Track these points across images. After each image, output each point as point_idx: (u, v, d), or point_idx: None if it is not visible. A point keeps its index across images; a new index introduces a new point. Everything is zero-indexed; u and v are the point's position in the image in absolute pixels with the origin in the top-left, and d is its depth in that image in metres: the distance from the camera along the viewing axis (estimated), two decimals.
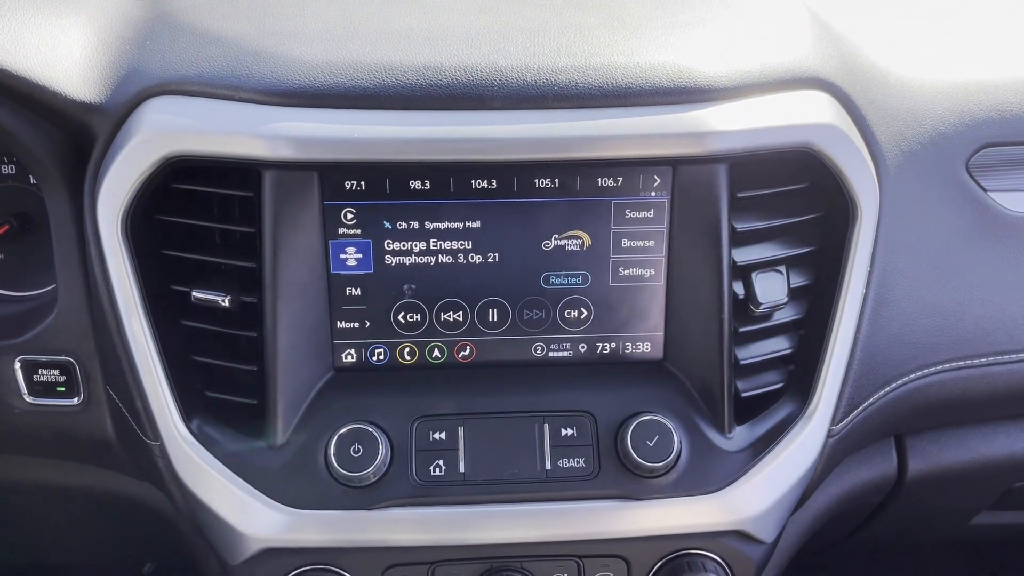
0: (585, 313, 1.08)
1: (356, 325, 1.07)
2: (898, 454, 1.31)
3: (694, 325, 1.07)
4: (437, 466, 1.02)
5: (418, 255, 1.04)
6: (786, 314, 1.09)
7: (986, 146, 1.14)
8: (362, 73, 0.97)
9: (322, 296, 1.05)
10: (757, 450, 1.06)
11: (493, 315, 1.08)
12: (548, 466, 1.03)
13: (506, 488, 1.02)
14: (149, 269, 1.02)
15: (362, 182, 1.01)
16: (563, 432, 1.04)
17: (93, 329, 1.07)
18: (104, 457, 1.16)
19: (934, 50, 1.21)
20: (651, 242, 1.05)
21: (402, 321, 1.07)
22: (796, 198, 1.07)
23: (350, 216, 1.02)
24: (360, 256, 1.04)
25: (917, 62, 1.18)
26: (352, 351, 1.08)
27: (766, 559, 1.12)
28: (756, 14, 1.13)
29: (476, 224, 1.03)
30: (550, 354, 1.10)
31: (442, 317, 1.07)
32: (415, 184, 1.01)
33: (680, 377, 1.09)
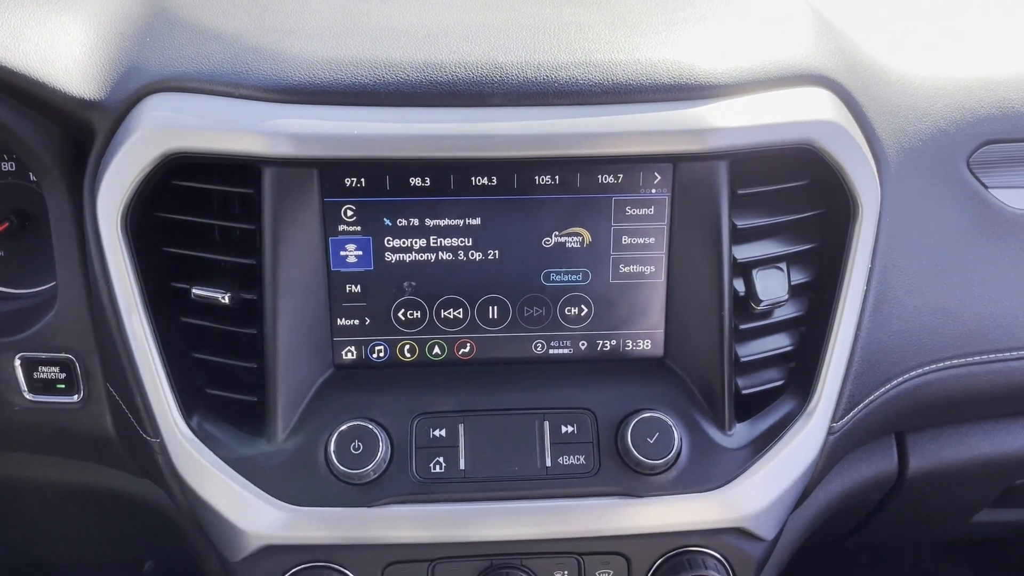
0: (585, 310, 1.08)
1: (356, 322, 1.07)
2: (899, 451, 1.30)
3: (695, 322, 1.07)
4: (437, 463, 1.02)
5: (418, 252, 1.04)
6: (787, 311, 1.09)
7: (987, 143, 1.14)
8: (362, 70, 0.96)
9: (322, 293, 1.05)
10: (757, 447, 1.06)
11: (493, 312, 1.08)
12: (548, 463, 1.03)
13: (506, 485, 1.02)
14: (149, 266, 1.02)
15: (362, 179, 1.01)
16: (563, 429, 1.04)
17: (93, 326, 1.07)
18: (104, 454, 1.16)
19: (935, 47, 1.21)
20: (651, 239, 1.05)
21: (402, 318, 1.07)
22: (797, 195, 1.06)
23: (350, 213, 1.02)
24: (360, 253, 1.04)
25: (918, 59, 1.17)
26: (352, 348, 1.08)
27: (766, 556, 1.12)
28: (757, 10, 1.13)
29: (476, 221, 1.03)
30: (550, 351, 1.10)
31: (442, 314, 1.07)
32: (415, 181, 1.01)
33: (680, 374, 1.09)
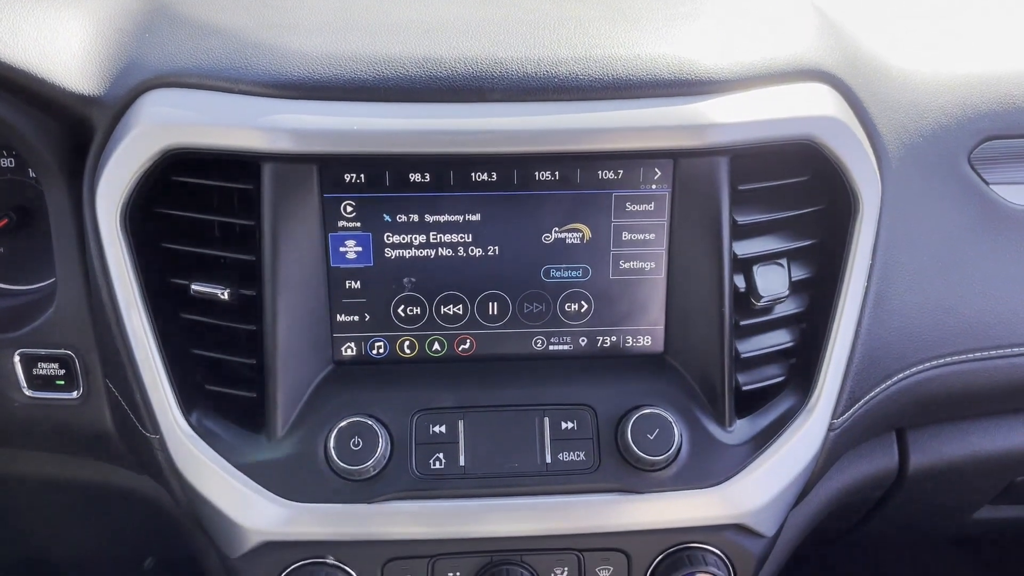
0: (585, 306, 1.08)
1: (356, 318, 1.07)
2: (899, 448, 1.30)
3: (695, 318, 1.07)
4: (437, 459, 1.02)
5: (418, 248, 1.04)
6: (787, 307, 1.09)
7: (988, 139, 1.14)
8: (361, 65, 0.96)
9: (322, 289, 1.04)
10: (758, 444, 1.06)
11: (493, 308, 1.07)
12: (548, 459, 1.03)
13: (506, 481, 1.02)
14: (148, 262, 1.02)
15: (362, 175, 1.00)
16: (563, 425, 1.04)
17: (92, 322, 1.07)
18: (103, 451, 1.16)
19: (936, 47, 1.20)
20: (652, 235, 1.05)
21: (402, 314, 1.07)
22: (797, 191, 1.06)
23: (350, 209, 1.02)
24: (360, 249, 1.04)
25: (919, 55, 1.17)
26: (352, 344, 1.08)
27: (767, 553, 1.11)
28: (758, 6, 1.13)
29: (476, 217, 1.03)
30: (550, 347, 1.10)
31: (442, 310, 1.07)
32: (415, 177, 1.01)
33: (681, 370, 1.09)
